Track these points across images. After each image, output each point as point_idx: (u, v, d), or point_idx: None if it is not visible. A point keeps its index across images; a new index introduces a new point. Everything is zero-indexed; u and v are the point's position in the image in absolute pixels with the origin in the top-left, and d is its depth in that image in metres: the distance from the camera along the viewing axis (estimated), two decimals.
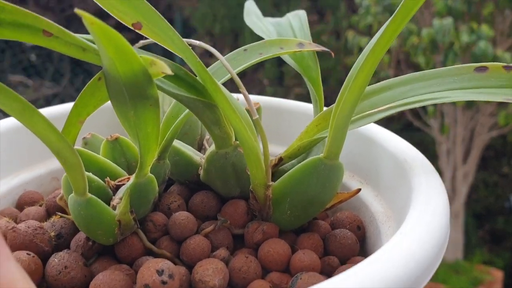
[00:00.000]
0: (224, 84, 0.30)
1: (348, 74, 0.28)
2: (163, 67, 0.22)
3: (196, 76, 0.27)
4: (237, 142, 0.30)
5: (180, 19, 2.67)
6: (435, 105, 2.15)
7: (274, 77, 2.24)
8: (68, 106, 0.38)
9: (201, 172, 0.32)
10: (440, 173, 2.26)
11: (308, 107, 0.38)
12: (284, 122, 0.39)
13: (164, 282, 0.25)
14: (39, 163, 0.37)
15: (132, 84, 0.23)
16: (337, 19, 2.13)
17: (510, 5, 1.82)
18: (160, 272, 0.25)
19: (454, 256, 2.24)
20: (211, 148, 0.31)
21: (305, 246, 0.30)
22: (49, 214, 0.33)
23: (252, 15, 0.39)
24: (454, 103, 1.97)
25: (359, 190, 0.30)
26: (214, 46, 0.29)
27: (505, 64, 0.29)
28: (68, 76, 1.85)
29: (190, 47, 0.26)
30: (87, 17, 0.19)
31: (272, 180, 0.30)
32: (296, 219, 0.30)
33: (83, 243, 0.29)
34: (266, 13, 0.41)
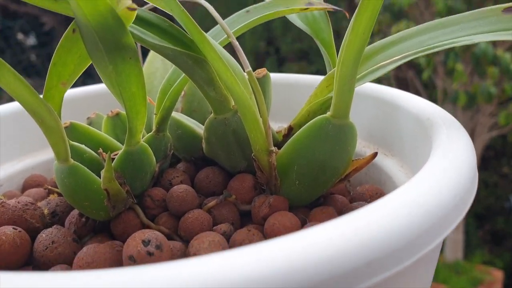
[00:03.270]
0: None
1: (351, 21, 0.24)
2: (127, 1, 0.19)
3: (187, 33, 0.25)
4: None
5: None
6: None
7: None
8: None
9: (203, 145, 0.30)
10: None
11: None
12: (297, 98, 0.36)
13: (150, 253, 0.23)
14: (47, 148, 0.36)
15: (103, 29, 0.21)
16: (337, 19, 2.10)
17: None
18: (146, 242, 0.23)
19: (454, 256, 2.21)
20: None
21: (318, 220, 0.27)
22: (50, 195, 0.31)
23: None
24: (454, 103, 1.92)
25: (376, 154, 0.27)
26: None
27: None
28: None
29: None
30: None
31: None
32: (306, 190, 0.27)
33: (76, 219, 0.27)
34: None
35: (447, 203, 0.18)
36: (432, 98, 2.24)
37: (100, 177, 0.26)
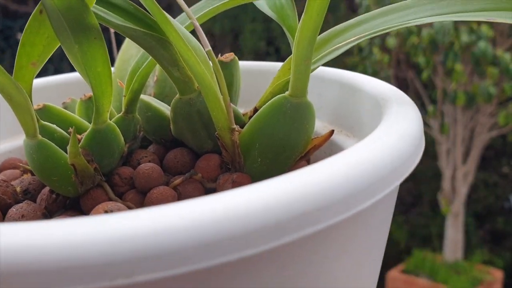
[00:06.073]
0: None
1: (306, 3, 0.26)
2: None
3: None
4: None
5: None
6: (435, 105, 2.17)
7: None
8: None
9: (171, 125, 0.31)
10: (440, 173, 2.25)
11: None
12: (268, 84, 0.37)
13: None
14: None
15: (67, 10, 0.23)
16: (337, 19, 2.13)
17: None
18: (108, 213, 0.24)
19: (454, 256, 2.26)
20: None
21: None
22: None
23: None
24: (454, 103, 1.96)
25: (332, 132, 0.28)
26: (214, 46, 0.28)
27: None
28: None
29: None
30: None
31: None
32: (268, 168, 0.28)
33: (47, 196, 0.28)
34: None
35: (385, 166, 0.19)
36: (432, 98, 2.26)
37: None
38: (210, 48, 0.26)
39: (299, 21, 0.32)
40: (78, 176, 0.27)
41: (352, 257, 0.20)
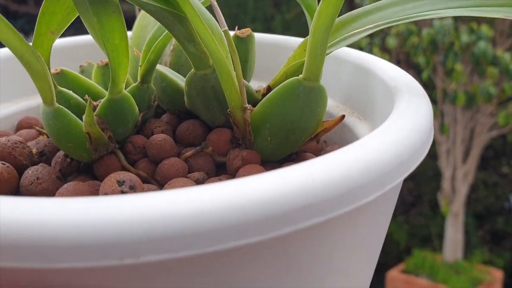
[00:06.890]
0: None
1: None
2: None
3: None
4: None
5: None
6: (435, 104, 2.15)
7: None
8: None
9: (185, 98, 0.31)
10: (440, 173, 2.24)
11: None
12: (284, 59, 0.37)
13: (123, 193, 0.25)
14: None
15: None
16: None
17: None
18: (120, 183, 0.25)
19: (454, 256, 2.25)
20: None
21: None
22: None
23: None
24: (454, 103, 1.94)
25: (343, 117, 0.29)
26: None
27: None
28: None
29: None
30: None
31: None
32: (278, 147, 0.29)
33: (61, 159, 0.29)
34: (266, 13, 0.39)
35: (388, 162, 0.20)
36: (432, 98, 2.25)
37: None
38: (226, 27, 0.26)
39: (318, 0, 0.32)
40: (93, 144, 0.28)
41: (353, 245, 0.21)
